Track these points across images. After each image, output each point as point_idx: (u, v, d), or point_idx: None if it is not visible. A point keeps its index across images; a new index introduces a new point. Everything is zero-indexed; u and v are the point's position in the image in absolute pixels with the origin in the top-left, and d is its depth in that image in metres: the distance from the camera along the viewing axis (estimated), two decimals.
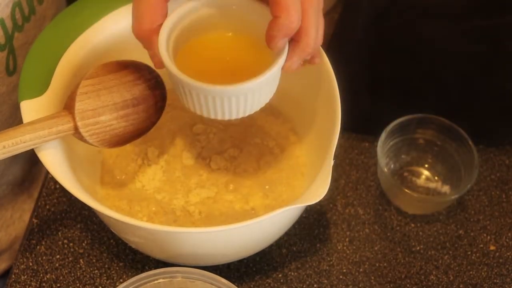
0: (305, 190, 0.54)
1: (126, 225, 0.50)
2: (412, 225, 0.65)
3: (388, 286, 0.61)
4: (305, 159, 0.63)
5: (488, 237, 0.65)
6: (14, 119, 0.66)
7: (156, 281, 0.51)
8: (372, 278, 0.62)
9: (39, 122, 0.50)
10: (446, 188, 0.67)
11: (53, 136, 0.50)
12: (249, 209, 0.60)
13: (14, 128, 0.49)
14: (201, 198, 0.60)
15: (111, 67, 0.53)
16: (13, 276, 0.60)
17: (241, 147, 0.64)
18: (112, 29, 0.59)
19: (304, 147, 0.64)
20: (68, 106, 0.52)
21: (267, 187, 0.61)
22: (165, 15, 0.48)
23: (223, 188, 0.61)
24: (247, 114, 0.50)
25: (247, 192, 0.61)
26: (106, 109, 0.52)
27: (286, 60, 0.48)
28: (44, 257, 0.61)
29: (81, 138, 0.52)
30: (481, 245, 0.64)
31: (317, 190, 0.49)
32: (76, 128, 0.51)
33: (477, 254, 0.64)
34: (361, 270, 0.62)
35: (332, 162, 0.50)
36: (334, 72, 0.56)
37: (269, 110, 0.66)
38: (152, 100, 0.55)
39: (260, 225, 0.51)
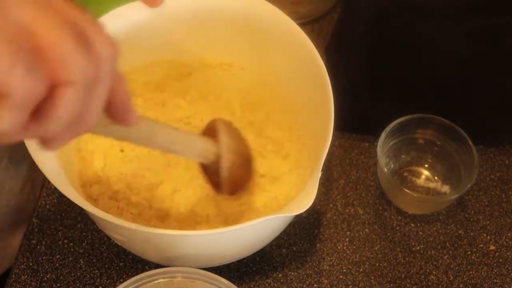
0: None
1: (111, 224, 0.50)
2: (412, 225, 0.65)
3: (388, 286, 0.61)
4: (302, 162, 0.63)
5: (488, 237, 0.65)
6: None
7: (156, 281, 0.51)
8: (372, 278, 0.62)
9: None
10: (446, 188, 0.67)
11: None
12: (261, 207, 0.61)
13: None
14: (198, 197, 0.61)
15: None
16: (13, 276, 0.60)
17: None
18: (113, 26, 0.59)
19: (302, 150, 0.64)
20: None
21: (274, 184, 0.62)
22: None
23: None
24: None
25: (259, 188, 0.61)
26: None
27: None
28: (44, 257, 0.61)
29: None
30: (481, 245, 0.64)
31: (302, 201, 0.48)
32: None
33: (477, 254, 0.64)
34: (361, 270, 0.62)
35: (319, 175, 0.49)
36: (334, 72, 0.56)
37: (267, 113, 0.67)
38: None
39: (240, 232, 0.50)
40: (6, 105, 0.28)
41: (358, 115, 0.69)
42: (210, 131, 0.55)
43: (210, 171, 0.55)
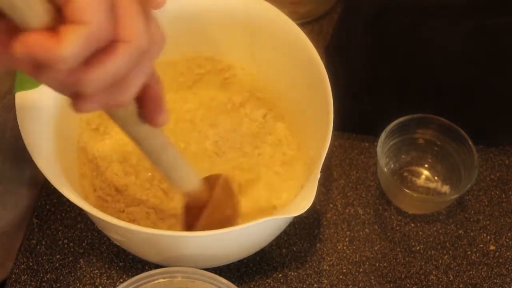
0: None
1: (107, 223, 0.50)
2: (412, 225, 0.65)
3: (388, 286, 0.61)
4: (302, 162, 0.63)
5: (488, 237, 0.65)
6: None
7: (156, 281, 0.51)
8: (372, 278, 0.62)
9: None
10: (446, 188, 0.67)
11: None
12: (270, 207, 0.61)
13: None
14: None
15: None
16: (13, 276, 0.60)
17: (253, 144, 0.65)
18: None
19: (302, 150, 0.64)
20: None
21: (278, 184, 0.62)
22: None
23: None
24: None
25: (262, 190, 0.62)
26: None
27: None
28: (44, 257, 0.61)
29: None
30: (481, 245, 0.64)
31: (301, 203, 0.48)
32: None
33: (477, 254, 0.64)
34: (361, 270, 0.62)
35: (318, 176, 0.49)
36: (334, 72, 0.56)
37: (267, 113, 0.67)
38: None
39: (240, 233, 0.51)
40: (78, 31, 0.29)
41: (358, 115, 0.69)
42: (209, 181, 0.55)
43: (190, 213, 0.55)
